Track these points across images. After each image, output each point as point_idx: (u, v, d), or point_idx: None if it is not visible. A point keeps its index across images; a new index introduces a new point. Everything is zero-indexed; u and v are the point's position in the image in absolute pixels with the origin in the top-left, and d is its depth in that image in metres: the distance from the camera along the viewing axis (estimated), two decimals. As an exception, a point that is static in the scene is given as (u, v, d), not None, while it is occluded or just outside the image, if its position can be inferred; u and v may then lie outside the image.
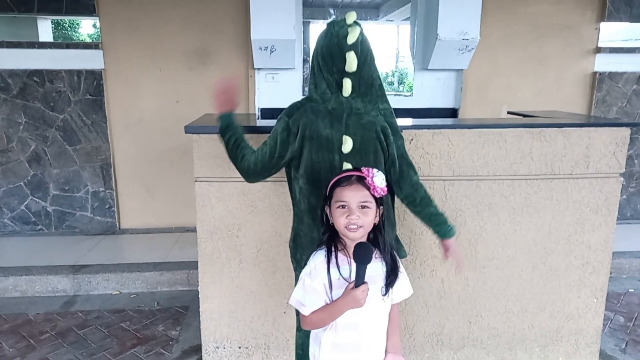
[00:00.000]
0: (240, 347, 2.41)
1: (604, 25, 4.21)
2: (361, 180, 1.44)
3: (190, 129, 2.18)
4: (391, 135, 1.75)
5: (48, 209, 4.15)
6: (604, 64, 4.27)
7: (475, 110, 4.17)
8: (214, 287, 2.33)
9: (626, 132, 2.31)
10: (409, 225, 2.32)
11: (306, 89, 4.11)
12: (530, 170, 2.31)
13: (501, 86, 4.25)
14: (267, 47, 3.62)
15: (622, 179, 2.38)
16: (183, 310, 3.12)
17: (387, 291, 1.45)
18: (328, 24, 1.69)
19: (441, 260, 2.38)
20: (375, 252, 1.45)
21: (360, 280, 1.37)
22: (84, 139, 4.04)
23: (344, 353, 1.47)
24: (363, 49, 1.65)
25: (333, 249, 1.46)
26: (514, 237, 2.38)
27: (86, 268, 3.40)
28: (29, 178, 4.07)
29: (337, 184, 1.46)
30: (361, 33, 1.64)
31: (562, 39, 4.19)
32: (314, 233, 1.74)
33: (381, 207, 1.46)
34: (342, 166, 1.68)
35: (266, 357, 2.42)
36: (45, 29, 4.50)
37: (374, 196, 1.43)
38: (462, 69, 4.04)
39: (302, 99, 1.76)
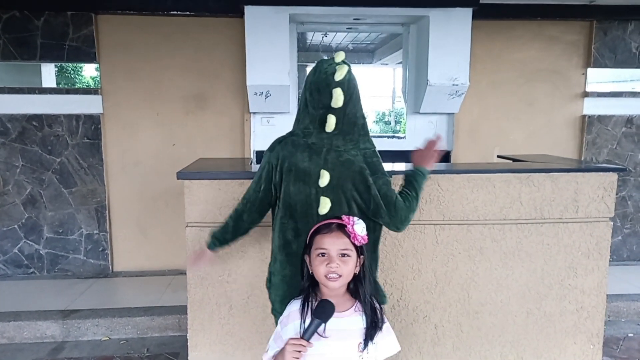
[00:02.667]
0: (229, 398, 2.34)
1: (591, 71, 4.34)
2: (341, 228, 1.43)
3: (182, 175, 2.20)
4: (370, 176, 1.72)
5: (41, 252, 4.12)
6: (593, 107, 4.37)
7: (468, 153, 4.23)
8: (203, 334, 2.29)
9: (613, 177, 2.34)
10: (400, 270, 2.31)
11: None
12: (520, 214, 2.32)
13: (492, 129, 4.32)
14: (262, 93, 3.71)
15: (612, 223, 2.38)
16: (173, 357, 3.05)
17: (366, 345, 1.40)
18: (317, 62, 1.74)
19: (434, 305, 2.36)
20: (355, 304, 1.44)
21: (307, 335, 1.32)
22: (80, 182, 4.07)
23: None
24: (350, 87, 1.68)
25: (311, 299, 1.43)
26: (506, 282, 2.36)
27: (76, 313, 3.35)
28: (23, 221, 4.07)
29: (317, 231, 1.45)
30: (349, 72, 1.68)
31: (551, 83, 4.31)
32: (285, 270, 1.74)
33: (362, 256, 1.45)
34: (318, 200, 1.69)
35: (256, 408, 2.35)
36: (49, 73, 4.62)
37: (354, 245, 1.42)
38: (453, 113, 4.12)
39: (285, 134, 1.79)
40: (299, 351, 1.30)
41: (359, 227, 1.43)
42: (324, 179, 1.68)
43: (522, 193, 2.30)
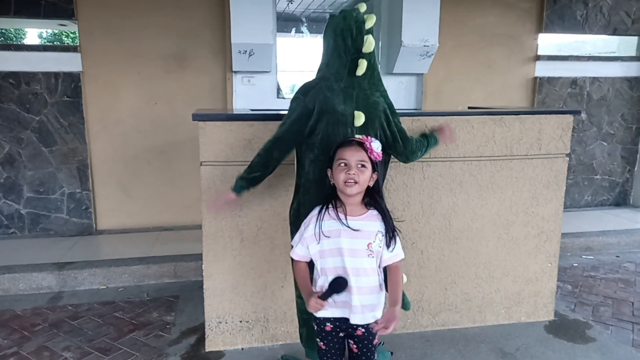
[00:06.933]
0: (241, 321, 2.58)
1: (542, 36, 4.78)
2: (361, 144, 1.70)
3: (197, 117, 2.36)
4: (391, 115, 2.04)
5: (21, 211, 4.11)
6: (543, 70, 4.84)
7: (435, 111, 4.59)
8: (217, 264, 2.50)
9: (570, 118, 2.73)
10: (392, 203, 2.59)
11: (281, 91, 4.39)
12: (493, 152, 2.67)
13: (455, 89, 4.70)
14: (246, 51, 3.85)
15: (568, 159, 2.79)
16: (174, 299, 3.23)
17: (388, 246, 1.70)
18: (343, 12, 1.94)
19: (420, 233, 2.69)
20: (368, 212, 1.70)
21: (324, 297, 1.63)
22: (60, 141, 4.07)
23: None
24: (375, 36, 1.94)
25: (328, 205, 1.70)
26: (481, 211, 2.73)
27: (71, 264, 3.44)
28: (1, 180, 4.03)
29: (339, 146, 1.71)
30: (375, 21, 1.93)
31: (507, 47, 4.72)
32: (320, 201, 1.96)
33: (376, 172, 1.71)
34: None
35: (265, 330, 2.61)
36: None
37: (370, 159, 1.69)
38: (422, 74, 4.45)
39: (315, 79, 2.01)
40: (320, 306, 1.62)
41: (376, 145, 1.70)
42: (360, 119, 1.93)
43: (496, 133, 2.65)
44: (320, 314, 1.71)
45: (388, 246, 1.71)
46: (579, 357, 2.50)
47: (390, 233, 1.71)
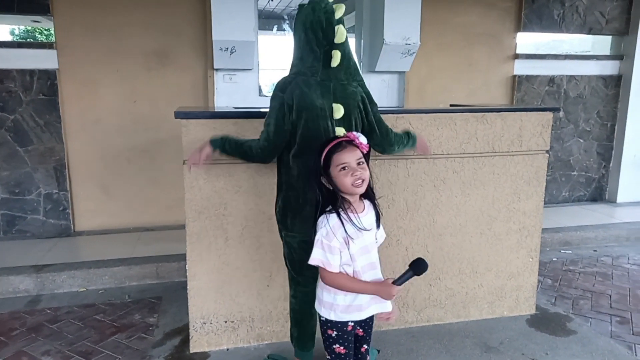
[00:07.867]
0: (226, 322, 2.55)
1: (520, 35, 4.86)
2: (350, 142, 1.67)
3: (179, 115, 2.33)
4: (369, 104, 2.02)
5: (-4, 213, 4.00)
6: (522, 68, 4.92)
7: (417, 109, 4.62)
8: (201, 264, 2.47)
9: (549, 115, 2.78)
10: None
11: (263, 89, 4.36)
12: (476, 148, 2.70)
13: (437, 87, 4.74)
14: (227, 48, 3.81)
15: (548, 155, 2.84)
16: (156, 300, 3.18)
17: (378, 227, 1.77)
18: (311, 3, 1.90)
19: (405, 230, 2.70)
20: (364, 203, 1.73)
21: (401, 282, 1.63)
22: (36, 140, 3.96)
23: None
24: (357, 34, 1.93)
25: (342, 210, 1.66)
26: (464, 208, 2.76)
27: (49, 267, 3.35)
28: (-25, 181, 3.91)
29: (332, 151, 1.65)
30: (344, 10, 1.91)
31: (488, 46, 4.78)
32: (307, 195, 1.93)
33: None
34: (334, 131, 1.92)
35: (251, 330, 2.59)
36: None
37: (363, 154, 1.69)
38: (404, 72, 4.47)
39: (290, 74, 1.97)
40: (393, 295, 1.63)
41: (363, 139, 1.69)
42: (339, 112, 1.91)
43: (478, 130, 2.68)
44: (346, 317, 1.72)
45: (378, 227, 1.77)
46: (560, 349, 2.55)
47: (378, 220, 1.77)
